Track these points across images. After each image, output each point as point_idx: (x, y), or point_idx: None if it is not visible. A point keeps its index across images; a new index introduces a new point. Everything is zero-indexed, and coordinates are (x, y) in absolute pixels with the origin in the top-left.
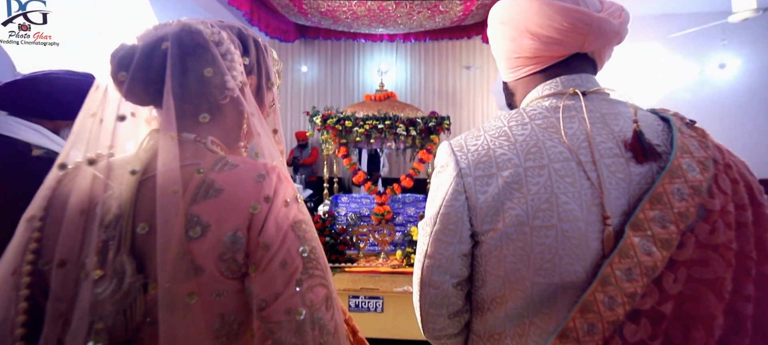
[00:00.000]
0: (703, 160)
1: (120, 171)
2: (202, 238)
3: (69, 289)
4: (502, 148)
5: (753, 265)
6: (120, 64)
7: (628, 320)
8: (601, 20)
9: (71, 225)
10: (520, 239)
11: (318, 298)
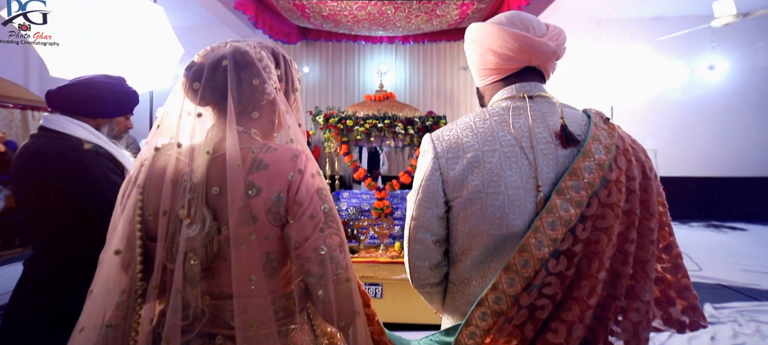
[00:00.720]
0: (608, 146)
1: (198, 152)
2: (257, 197)
3: (170, 232)
4: (467, 138)
5: (637, 219)
6: (194, 77)
7: (552, 257)
8: (542, 43)
9: (167, 188)
10: (478, 202)
11: (334, 243)
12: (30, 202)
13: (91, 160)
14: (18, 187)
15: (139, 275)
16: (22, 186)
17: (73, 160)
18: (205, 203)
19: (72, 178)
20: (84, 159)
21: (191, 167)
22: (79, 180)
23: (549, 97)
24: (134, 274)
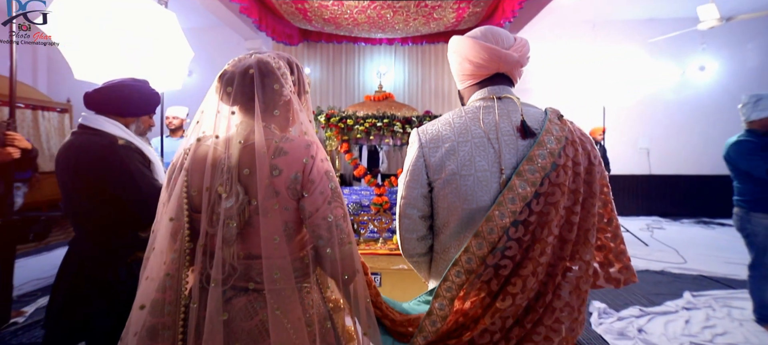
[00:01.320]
0: (559, 138)
1: (232, 142)
2: (279, 176)
3: (211, 204)
4: (446, 131)
5: (581, 196)
6: (227, 83)
7: (512, 226)
8: (508, 54)
9: (208, 171)
10: (454, 183)
11: (339, 214)
12: (73, 190)
13: (125, 154)
14: (62, 177)
15: (187, 238)
16: (66, 176)
17: (109, 154)
18: (238, 181)
19: (109, 170)
20: (119, 153)
21: (227, 154)
22: (115, 171)
23: (513, 99)
24: (183, 237)
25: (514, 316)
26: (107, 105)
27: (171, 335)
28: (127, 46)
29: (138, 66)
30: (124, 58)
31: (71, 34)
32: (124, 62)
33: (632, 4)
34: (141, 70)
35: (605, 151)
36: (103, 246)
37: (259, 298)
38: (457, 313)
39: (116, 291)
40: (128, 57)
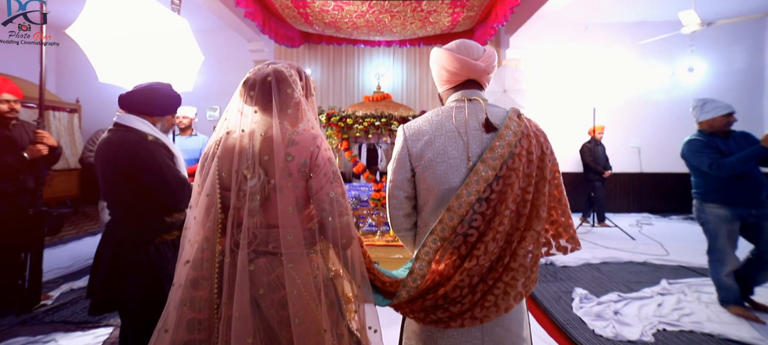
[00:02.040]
0: (516, 131)
1: (255, 134)
2: (292, 161)
3: (238, 183)
4: (425, 126)
5: (533, 179)
6: (250, 88)
7: (477, 202)
8: (476, 65)
9: (236, 157)
10: (431, 168)
11: (338, 191)
12: (111, 179)
13: (153, 148)
14: (100, 168)
15: (219, 211)
16: (103, 167)
17: (141, 148)
18: (260, 165)
19: (140, 162)
20: (148, 148)
21: (251, 144)
22: (146, 164)
23: (480, 100)
24: (216, 210)
25: (479, 274)
26: (137, 105)
27: (209, 284)
28: (145, 51)
29: (154, 69)
30: (142, 62)
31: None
32: (142, 66)
33: (623, 8)
34: (157, 73)
35: (604, 149)
36: (134, 228)
37: (276, 259)
38: (434, 273)
39: (146, 268)
40: (146, 61)
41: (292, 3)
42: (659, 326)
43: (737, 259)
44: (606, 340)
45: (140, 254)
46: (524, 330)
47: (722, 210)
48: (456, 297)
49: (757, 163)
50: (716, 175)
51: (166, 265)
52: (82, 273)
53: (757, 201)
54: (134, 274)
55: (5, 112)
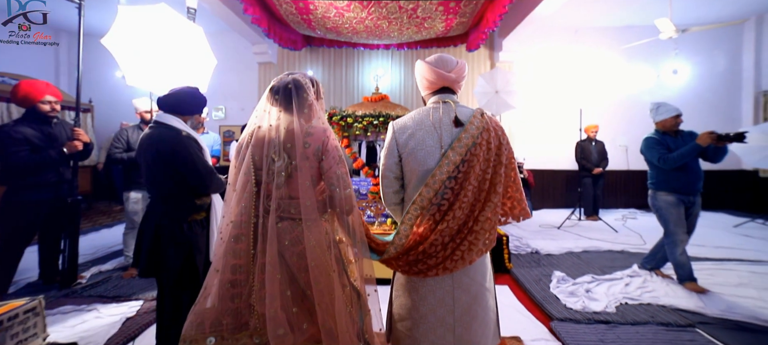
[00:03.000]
0: (479, 126)
1: (280, 128)
2: (309, 148)
3: (267, 164)
4: (409, 122)
5: (491, 163)
6: (275, 92)
7: (447, 179)
8: (448, 76)
9: (266, 145)
10: (413, 154)
11: (343, 171)
12: (152, 167)
13: (187, 142)
14: (144, 158)
15: (253, 185)
16: (145, 158)
17: (177, 142)
18: (284, 151)
19: (177, 154)
20: (183, 142)
21: (278, 135)
22: (181, 155)
23: (452, 103)
24: (251, 184)
25: (450, 235)
26: (172, 106)
27: (247, 239)
28: (167, 58)
29: (174, 73)
30: (164, 67)
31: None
32: (164, 71)
33: (610, 12)
34: (176, 76)
35: (601, 146)
36: (171, 209)
37: (296, 222)
38: (415, 234)
39: (181, 242)
40: (167, 66)
41: (296, 10)
42: (622, 301)
43: (687, 239)
44: (575, 312)
45: (176, 230)
46: (487, 281)
47: (670, 196)
48: (432, 252)
49: (696, 158)
50: (663, 167)
51: (196, 240)
52: (105, 258)
53: (694, 189)
54: (172, 246)
55: (48, 112)
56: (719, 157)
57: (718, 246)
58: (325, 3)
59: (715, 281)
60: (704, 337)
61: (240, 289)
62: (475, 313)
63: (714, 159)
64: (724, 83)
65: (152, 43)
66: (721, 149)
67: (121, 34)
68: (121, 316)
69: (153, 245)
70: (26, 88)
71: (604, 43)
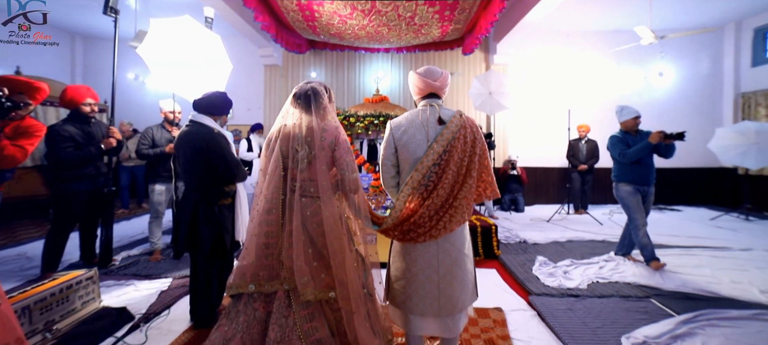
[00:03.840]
0: (458, 124)
1: (302, 125)
2: (324, 141)
3: (292, 154)
4: (403, 120)
5: (467, 153)
6: (297, 97)
7: (432, 166)
8: (433, 84)
9: (291, 139)
10: (406, 146)
11: (351, 159)
12: (189, 159)
13: (218, 139)
14: (182, 151)
15: (281, 170)
16: (183, 152)
17: (210, 139)
18: (305, 143)
19: (210, 148)
20: (216, 138)
21: (300, 131)
22: (214, 149)
23: (436, 106)
24: (279, 170)
25: (434, 209)
26: (206, 108)
27: (277, 212)
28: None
29: (197, 78)
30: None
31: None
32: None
33: (600, 17)
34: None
35: (593, 145)
36: (205, 194)
37: (315, 199)
38: (407, 209)
39: (213, 222)
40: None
41: (302, 17)
42: (594, 280)
43: (646, 223)
44: (551, 288)
45: (209, 212)
46: (466, 248)
47: (629, 187)
48: (421, 223)
49: (651, 154)
50: (622, 162)
51: (225, 221)
52: (132, 245)
53: (648, 180)
54: (206, 226)
55: (88, 113)
56: (669, 154)
57: (690, 236)
58: (329, 11)
59: (678, 263)
60: (656, 305)
61: (272, 249)
62: (455, 273)
63: (665, 155)
64: (706, 85)
65: (178, 50)
66: (670, 146)
67: (153, 43)
68: (155, 290)
69: (190, 225)
70: (71, 93)
71: (595, 47)
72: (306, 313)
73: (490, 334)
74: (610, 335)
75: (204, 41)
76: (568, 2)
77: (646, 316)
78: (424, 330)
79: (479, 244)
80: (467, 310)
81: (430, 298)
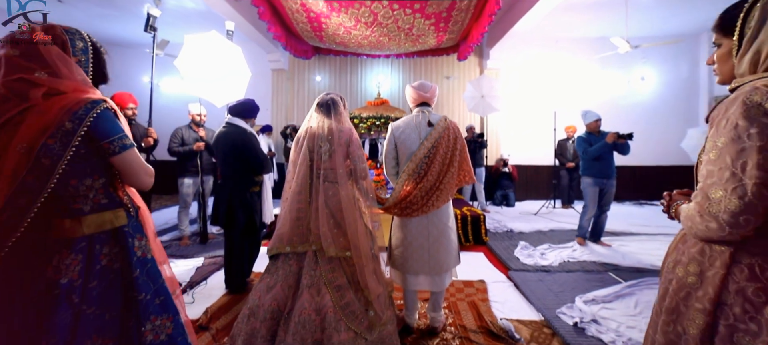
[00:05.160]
0: (443, 126)
1: (325, 126)
2: (342, 138)
3: (316, 148)
4: (401, 123)
5: (450, 149)
6: (320, 105)
7: (424, 158)
8: (425, 95)
9: (316, 137)
10: (404, 143)
11: (361, 153)
12: (226, 154)
13: (251, 138)
14: (221, 148)
15: (308, 162)
16: (221, 148)
17: (244, 137)
18: (327, 140)
19: (244, 146)
20: (249, 137)
21: (323, 131)
22: (248, 146)
23: (426, 112)
24: (307, 162)
25: (426, 191)
26: (239, 112)
27: (305, 193)
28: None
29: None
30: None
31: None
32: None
33: (587, 25)
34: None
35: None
36: (238, 182)
37: (334, 184)
38: (404, 191)
39: (246, 205)
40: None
41: (310, 28)
42: (566, 259)
43: (594, 211)
44: (528, 266)
45: (243, 197)
46: (450, 222)
47: (590, 179)
48: (415, 201)
49: (610, 152)
50: (585, 158)
51: (255, 205)
52: (160, 233)
53: (607, 174)
54: (240, 209)
55: (130, 116)
56: (626, 151)
57: (660, 225)
58: (335, 23)
59: (641, 247)
60: (613, 277)
61: (302, 221)
62: (441, 241)
63: (622, 152)
64: (685, 89)
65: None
66: (625, 145)
67: (187, 56)
68: (192, 266)
69: (227, 208)
70: (117, 99)
71: (581, 53)
72: (329, 266)
73: (473, 298)
74: (568, 297)
75: (227, 53)
76: (556, 11)
77: (601, 284)
78: (417, 286)
79: (469, 232)
80: (451, 271)
81: (422, 260)
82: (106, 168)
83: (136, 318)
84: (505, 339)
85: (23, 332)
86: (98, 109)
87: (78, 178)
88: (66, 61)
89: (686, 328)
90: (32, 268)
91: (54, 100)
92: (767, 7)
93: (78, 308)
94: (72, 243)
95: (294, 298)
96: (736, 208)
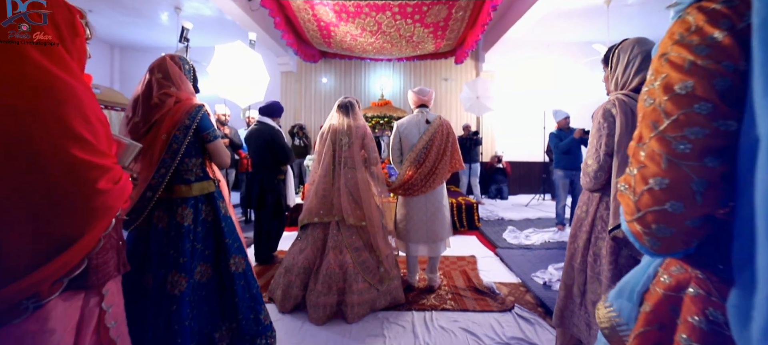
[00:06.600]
0: (438, 124)
1: (344, 124)
2: (358, 133)
3: (337, 141)
4: (404, 121)
5: (444, 144)
6: (340, 106)
7: (422, 149)
8: (424, 98)
9: (336, 132)
10: (406, 138)
11: (373, 145)
12: (258, 148)
13: (278, 134)
14: (251, 144)
15: (331, 152)
16: (256, 143)
17: (273, 134)
18: (347, 134)
19: (274, 140)
20: (277, 133)
21: (344, 127)
22: (276, 141)
23: (424, 113)
24: (330, 153)
25: (424, 175)
26: (268, 112)
27: (330, 177)
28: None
29: (245, 90)
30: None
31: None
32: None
33: (576, 30)
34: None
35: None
36: (268, 171)
37: (352, 169)
38: (407, 175)
39: (275, 189)
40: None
41: (320, 35)
42: (547, 240)
43: (566, 200)
44: (513, 245)
45: (272, 183)
46: (445, 200)
47: (560, 172)
48: (415, 183)
49: (579, 146)
50: (556, 153)
51: (281, 190)
52: None
53: (575, 167)
54: (269, 193)
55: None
56: None
57: None
58: (343, 31)
59: None
60: None
61: (327, 198)
62: (437, 216)
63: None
64: None
65: (233, 68)
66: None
67: (218, 64)
68: None
69: (259, 192)
70: None
71: (571, 56)
72: (348, 232)
73: (464, 268)
74: (543, 266)
75: (250, 60)
76: (546, 18)
77: None
78: (417, 252)
79: (463, 218)
80: (445, 241)
81: (421, 231)
82: (203, 151)
83: (224, 254)
84: (488, 294)
85: (163, 254)
86: (202, 111)
87: (189, 157)
88: (183, 79)
89: (578, 242)
90: (169, 213)
91: (179, 106)
92: (621, 53)
93: (192, 243)
94: (186, 201)
95: (321, 257)
96: (595, 168)
